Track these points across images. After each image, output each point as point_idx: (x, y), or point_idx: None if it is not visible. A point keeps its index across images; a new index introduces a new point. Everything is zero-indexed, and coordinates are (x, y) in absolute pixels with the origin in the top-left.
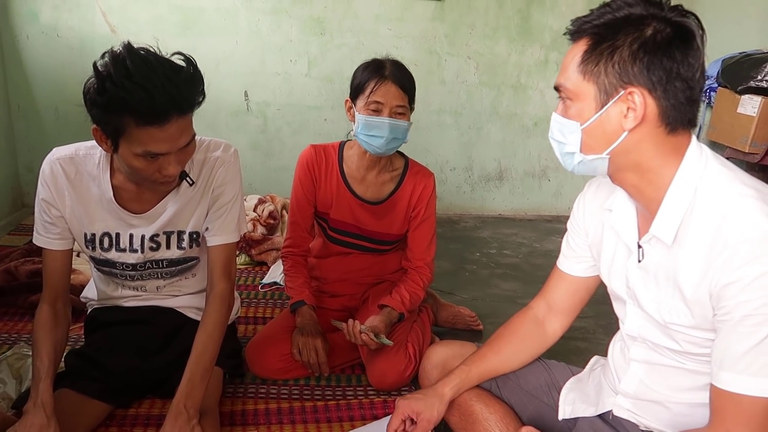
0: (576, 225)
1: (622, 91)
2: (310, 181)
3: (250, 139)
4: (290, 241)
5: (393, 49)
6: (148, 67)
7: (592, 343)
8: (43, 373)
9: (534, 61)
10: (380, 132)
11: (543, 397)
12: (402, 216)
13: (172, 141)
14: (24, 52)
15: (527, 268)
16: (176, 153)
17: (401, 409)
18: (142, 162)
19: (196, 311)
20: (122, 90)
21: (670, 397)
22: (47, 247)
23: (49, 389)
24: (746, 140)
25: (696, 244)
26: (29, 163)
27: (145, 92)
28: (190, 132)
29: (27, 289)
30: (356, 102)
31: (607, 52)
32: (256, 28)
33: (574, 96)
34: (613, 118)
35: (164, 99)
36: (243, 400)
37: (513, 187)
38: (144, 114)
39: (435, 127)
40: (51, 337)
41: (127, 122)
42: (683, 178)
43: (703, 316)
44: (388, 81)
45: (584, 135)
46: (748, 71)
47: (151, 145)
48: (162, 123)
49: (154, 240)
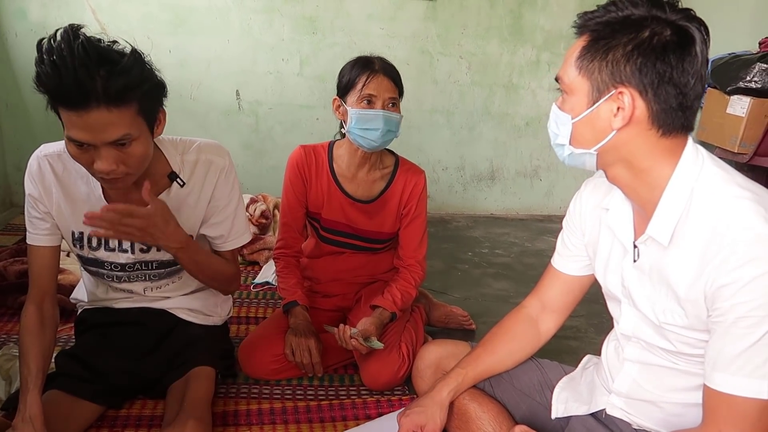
0: (572, 223)
1: (613, 90)
2: (300, 181)
3: (242, 139)
4: (282, 242)
5: (385, 48)
6: (69, 48)
7: (584, 342)
8: (30, 383)
9: (526, 61)
10: (375, 125)
11: (536, 396)
12: (393, 214)
13: (93, 132)
14: (12, 49)
15: (519, 267)
16: (107, 148)
17: (405, 427)
18: (73, 148)
19: (188, 312)
20: (39, 66)
21: (663, 396)
22: (35, 244)
23: (38, 401)
24: (735, 141)
25: (691, 245)
26: (18, 162)
27: (54, 71)
28: (120, 128)
29: (16, 290)
30: (346, 98)
31: (602, 50)
32: (247, 26)
33: (569, 90)
34: (603, 115)
35: (72, 82)
36: (236, 401)
37: (505, 187)
38: (55, 94)
39: (427, 127)
40: (38, 343)
41: (53, 102)
42: (679, 180)
43: (696, 316)
44: (380, 74)
45: (574, 129)
46: (737, 72)
47: (71, 130)
48: (78, 108)
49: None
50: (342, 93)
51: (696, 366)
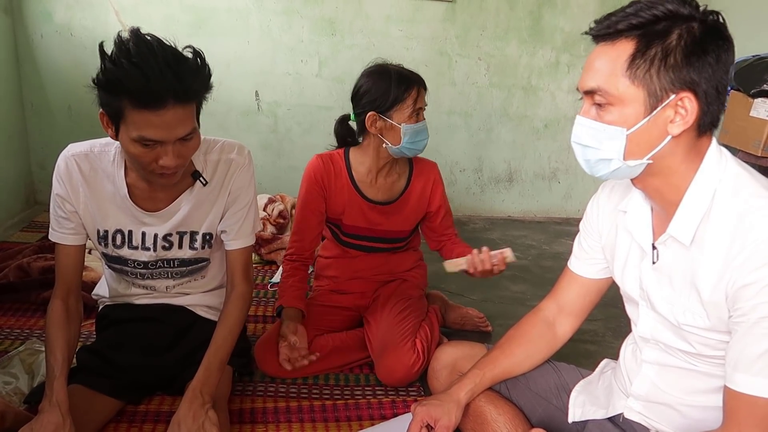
0: (589, 227)
1: (673, 95)
2: (318, 193)
3: (261, 139)
4: (293, 250)
5: (404, 50)
6: (149, 49)
7: (602, 346)
8: (57, 371)
9: (545, 62)
10: (424, 135)
11: (552, 400)
12: (414, 211)
13: (168, 129)
14: (38, 51)
15: (536, 270)
16: (174, 144)
17: (419, 416)
18: (138, 148)
19: (207, 309)
20: (120, 69)
21: (682, 399)
22: (61, 242)
23: (64, 387)
24: (759, 144)
25: (714, 245)
26: (42, 161)
27: (140, 73)
28: (189, 124)
29: (39, 286)
30: (392, 114)
31: (660, 54)
32: (267, 28)
33: (617, 101)
34: (660, 123)
35: (159, 82)
36: (252, 398)
37: (523, 189)
38: (138, 95)
39: (445, 128)
40: (64, 334)
41: (124, 104)
42: (703, 180)
43: (719, 317)
44: (421, 87)
45: (629, 141)
46: (762, 74)
47: (146, 130)
48: (157, 108)
49: (167, 239)
50: (385, 110)
51: (716, 368)
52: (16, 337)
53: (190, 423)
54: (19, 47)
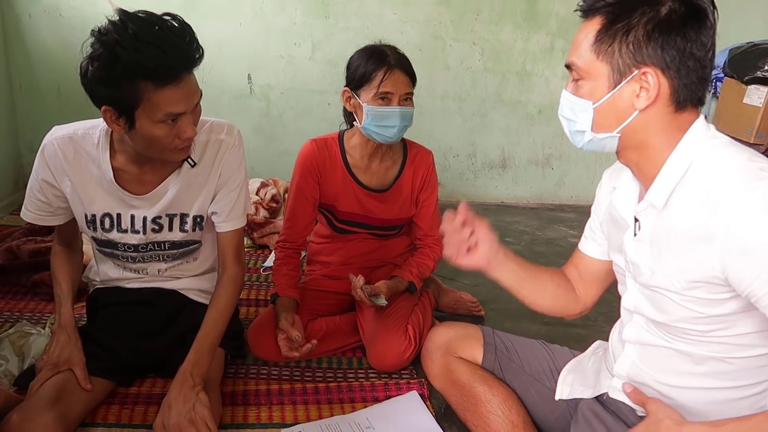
0: (595, 209)
1: (636, 71)
2: (312, 179)
3: (253, 123)
4: (285, 237)
5: (398, 33)
6: (152, 26)
7: (593, 330)
8: (63, 298)
9: (540, 48)
10: (392, 122)
11: (545, 381)
12: (408, 199)
13: (188, 99)
14: (26, 31)
15: (529, 256)
16: (191, 113)
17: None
18: (163, 129)
19: (198, 293)
20: (136, 53)
21: (660, 379)
22: (39, 224)
23: (71, 312)
24: (752, 131)
25: (686, 204)
26: (31, 143)
27: (159, 50)
28: (198, 89)
29: (29, 268)
30: (360, 93)
31: (621, 31)
32: (260, 10)
33: (586, 75)
34: (626, 97)
35: (177, 54)
36: (244, 381)
37: (516, 175)
38: (161, 73)
39: (439, 113)
40: (67, 265)
41: (144, 88)
42: (682, 151)
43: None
44: (396, 69)
45: (596, 114)
46: (756, 61)
47: (172, 106)
48: (178, 81)
49: (156, 222)
50: (355, 86)
51: (692, 346)
52: (6, 320)
53: (181, 405)
54: (6, 28)
